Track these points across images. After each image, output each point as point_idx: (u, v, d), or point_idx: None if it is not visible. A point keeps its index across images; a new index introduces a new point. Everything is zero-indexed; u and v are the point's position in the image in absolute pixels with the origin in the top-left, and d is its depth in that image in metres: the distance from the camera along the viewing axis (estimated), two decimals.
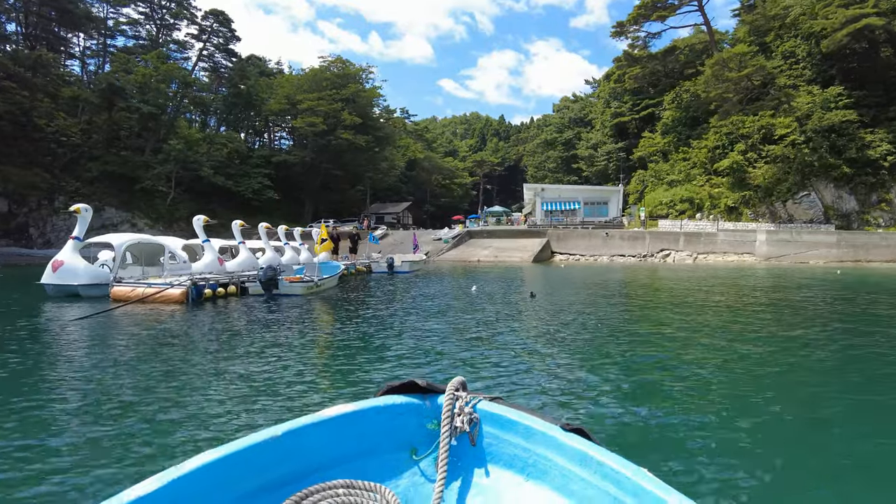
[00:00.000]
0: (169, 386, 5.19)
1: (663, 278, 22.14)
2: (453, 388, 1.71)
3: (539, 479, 1.58)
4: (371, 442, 1.69)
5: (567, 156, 74.52)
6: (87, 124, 52.69)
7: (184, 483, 1.28)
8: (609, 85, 68.36)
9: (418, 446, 1.74)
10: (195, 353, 6.88)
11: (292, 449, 1.52)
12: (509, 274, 25.10)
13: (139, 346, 7.47)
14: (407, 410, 1.75)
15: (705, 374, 5.80)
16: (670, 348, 7.16)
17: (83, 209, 14.00)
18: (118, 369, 5.92)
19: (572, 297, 13.75)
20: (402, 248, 39.05)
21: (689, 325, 9.12)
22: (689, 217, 44.85)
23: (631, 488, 1.33)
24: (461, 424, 1.65)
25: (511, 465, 1.64)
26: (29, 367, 6.12)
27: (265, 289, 13.55)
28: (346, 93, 61.17)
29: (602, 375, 5.65)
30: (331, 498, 1.44)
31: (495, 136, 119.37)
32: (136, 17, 61.96)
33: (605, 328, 8.75)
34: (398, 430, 1.73)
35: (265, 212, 54.22)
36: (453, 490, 1.63)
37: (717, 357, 6.72)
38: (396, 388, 1.79)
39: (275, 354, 6.67)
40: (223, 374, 5.69)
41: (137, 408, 4.51)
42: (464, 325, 8.99)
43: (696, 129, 51.80)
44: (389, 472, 1.66)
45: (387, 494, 1.48)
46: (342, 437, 1.64)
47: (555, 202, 51.09)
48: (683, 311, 11.22)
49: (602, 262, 38.66)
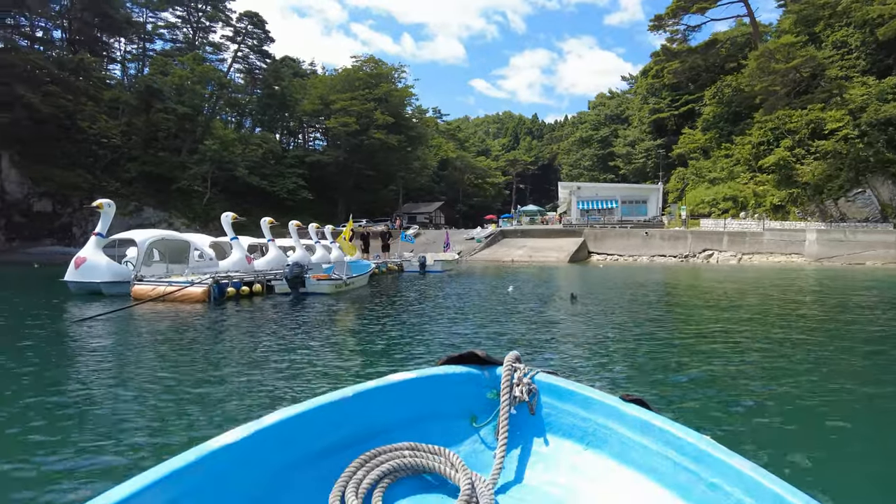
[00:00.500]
0: (158, 400, 4.69)
1: (710, 280, 20.97)
2: (511, 360, 1.74)
3: (599, 448, 1.58)
4: (433, 408, 1.72)
5: (603, 153, 72.89)
6: (126, 126, 54.00)
7: (265, 435, 1.33)
8: (646, 81, 66.51)
9: (478, 414, 1.76)
10: (197, 359, 6.37)
11: (360, 410, 1.57)
12: (545, 274, 24.27)
13: (138, 349, 7.06)
14: (467, 379, 1.78)
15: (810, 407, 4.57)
16: (737, 365, 6.35)
17: (106, 204, 13.63)
18: (101, 374, 5.48)
19: (616, 300, 12.89)
20: (435, 247, 38.56)
21: (759, 338, 8.22)
22: (733, 216, 43.03)
23: (693, 454, 1.33)
24: (520, 394, 1.67)
25: (570, 434, 1.65)
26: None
27: (291, 287, 13.11)
28: (379, 92, 61.12)
29: (665, 396, 4.92)
30: (398, 459, 1.48)
31: (528, 135, 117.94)
32: (174, 20, 63.27)
33: (658, 339, 7.95)
34: (459, 397, 1.76)
35: (299, 211, 54.53)
36: (513, 457, 1.65)
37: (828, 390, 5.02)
38: (456, 359, 1.81)
39: (287, 360, 6.15)
40: (226, 381, 5.19)
41: (119, 415, 4.02)
42: (501, 329, 8.32)
43: (738, 124, 49.76)
44: (451, 438, 1.68)
45: (451, 457, 1.51)
46: (406, 402, 1.68)
47: (591, 201, 49.78)
48: (742, 316, 10.31)
49: (641, 262, 37.39)
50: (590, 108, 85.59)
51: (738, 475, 1.23)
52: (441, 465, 1.49)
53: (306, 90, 66.71)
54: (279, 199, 58.03)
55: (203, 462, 1.21)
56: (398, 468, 1.47)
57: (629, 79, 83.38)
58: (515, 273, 25.07)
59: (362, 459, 1.45)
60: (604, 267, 32.09)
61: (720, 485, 1.26)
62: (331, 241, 23.63)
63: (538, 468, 1.62)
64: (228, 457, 1.26)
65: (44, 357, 6.46)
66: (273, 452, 1.36)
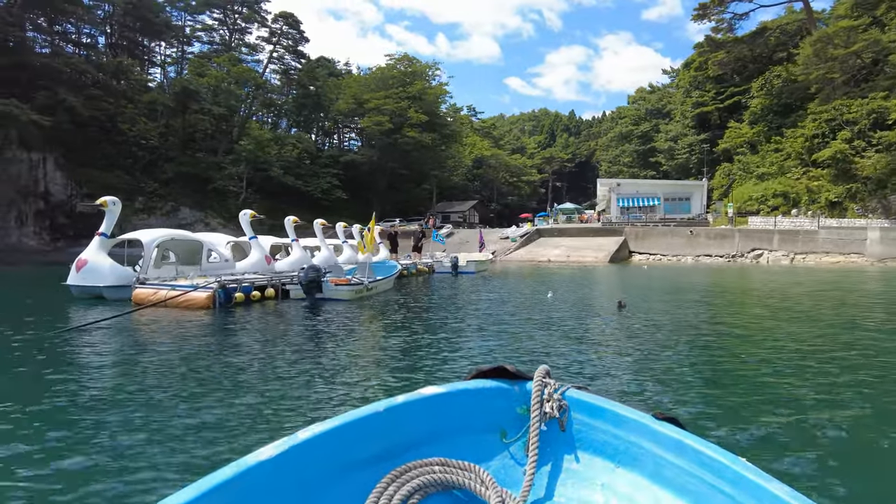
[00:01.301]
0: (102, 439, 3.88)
1: (767, 282, 19.35)
2: (541, 375, 1.72)
3: (631, 466, 1.55)
4: (463, 423, 1.70)
5: (644, 149, 70.48)
6: (164, 127, 54.96)
7: (297, 451, 1.35)
8: (689, 73, 63.86)
9: (508, 429, 1.74)
10: (173, 383, 5.30)
11: (391, 425, 1.56)
12: (585, 276, 23.01)
13: (108, 368, 6.11)
14: (497, 394, 1.76)
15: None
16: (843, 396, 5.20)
17: (110, 202, 12.74)
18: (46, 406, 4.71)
19: (667, 308, 11.49)
20: (468, 247, 37.59)
21: (849, 364, 6.99)
22: (784, 213, 40.59)
23: (730, 476, 1.30)
24: (550, 410, 1.64)
25: (601, 451, 1.62)
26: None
27: (306, 292, 11.99)
28: (413, 90, 60.48)
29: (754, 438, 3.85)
30: (428, 475, 1.49)
31: (565, 132, 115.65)
32: (211, 22, 64.10)
33: (723, 363, 6.80)
34: (488, 412, 1.73)
35: (334, 211, 54.45)
36: (544, 474, 1.63)
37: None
38: (486, 373, 1.79)
39: (276, 388, 5.07)
40: (196, 414, 4.29)
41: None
42: (540, 344, 7.25)
43: (789, 116, 47.10)
44: (480, 453, 1.66)
45: (481, 474, 1.51)
46: (436, 416, 1.66)
47: (632, 198, 47.92)
48: (826, 331, 9.02)
49: (686, 262, 35.61)
50: (629, 103, 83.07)
51: (774, 499, 1.19)
52: (471, 481, 1.49)
53: (341, 90, 66.65)
54: (314, 199, 58.09)
55: (241, 478, 1.23)
56: (428, 484, 1.48)
57: (670, 72, 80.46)
58: (552, 274, 23.89)
59: (393, 475, 1.47)
60: (648, 268, 30.54)
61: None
62: (360, 240, 22.65)
63: (569, 485, 1.60)
64: (264, 472, 1.28)
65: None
66: (307, 467, 1.37)
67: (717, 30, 54.12)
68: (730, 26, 53.96)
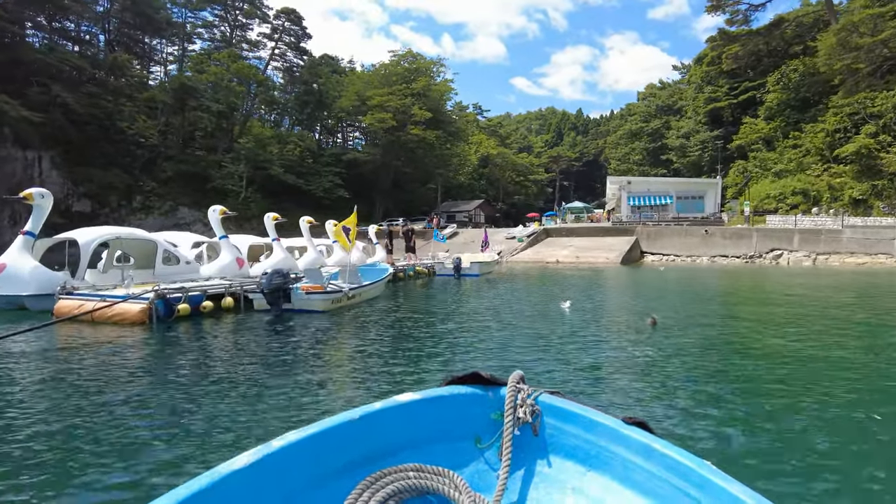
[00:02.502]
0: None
1: (807, 286, 17.68)
2: (515, 380, 1.73)
3: (601, 470, 1.59)
4: (438, 429, 1.71)
5: (654, 147, 68.62)
6: (164, 126, 53.73)
7: (271, 460, 1.35)
8: (701, 68, 62.00)
9: (482, 435, 1.75)
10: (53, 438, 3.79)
11: (367, 432, 1.57)
12: (598, 279, 21.39)
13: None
14: (471, 400, 1.77)
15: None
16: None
17: (37, 195, 10.91)
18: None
19: (708, 322, 9.61)
20: (473, 247, 36.06)
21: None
22: (803, 212, 38.79)
23: (696, 480, 1.34)
24: (523, 415, 1.66)
25: (573, 455, 1.65)
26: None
27: (270, 303, 9.91)
28: (417, 87, 58.92)
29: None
30: (403, 480, 1.49)
31: (573, 131, 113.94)
32: (212, 19, 62.87)
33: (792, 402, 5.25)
34: (463, 418, 1.75)
35: (336, 210, 53.02)
36: (517, 478, 1.65)
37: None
38: (460, 379, 1.81)
39: (175, 450, 3.55)
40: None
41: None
42: (572, 385, 5.40)
43: (807, 111, 45.29)
44: (455, 459, 1.67)
45: (455, 479, 1.52)
46: (411, 423, 1.67)
47: (643, 196, 46.20)
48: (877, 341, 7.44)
49: (701, 263, 33.95)
50: (639, 100, 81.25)
51: (736, 502, 1.24)
52: (445, 486, 1.50)
53: (344, 87, 65.21)
54: (316, 198, 56.66)
55: (215, 487, 1.22)
56: (403, 489, 1.48)
57: (681, 68, 78.67)
58: (563, 277, 22.31)
59: (368, 481, 1.47)
60: (664, 269, 28.90)
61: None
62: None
63: (541, 489, 1.62)
64: (239, 480, 1.27)
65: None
66: (282, 475, 1.37)
67: (732, 22, 52.40)
68: (745, 18, 52.26)
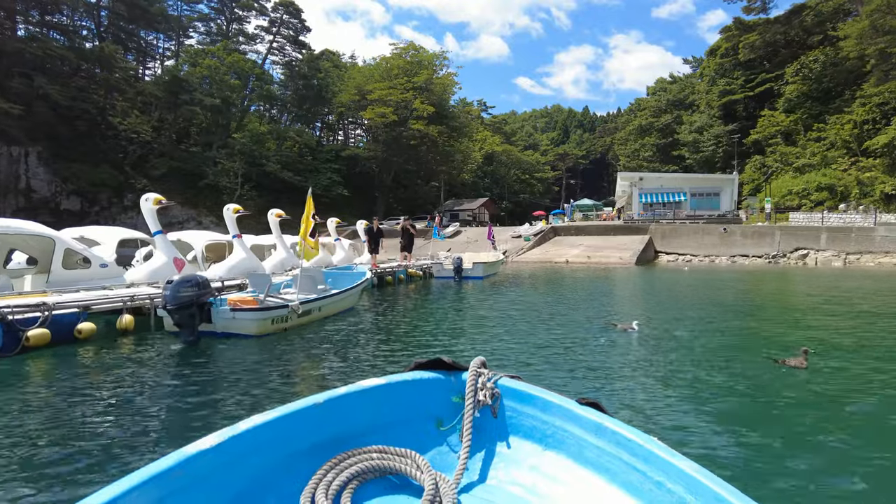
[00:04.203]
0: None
1: (864, 291, 15.42)
2: (476, 365, 1.78)
3: (556, 448, 1.64)
4: (401, 412, 1.75)
5: (665, 143, 66.09)
6: (158, 121, 51.77)
7: (237, 442, 1.38)
8: (715, 60, 59.57)
9: (444, 417, 1.80)
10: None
11: (331, 415, 1.61)
12: (623, 283, 18.97)
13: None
14: (434, 385, 1.82)
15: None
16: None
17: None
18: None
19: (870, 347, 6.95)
20: (477, 246, 33.85)
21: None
22: (829, 208, 36.37)
23: (643, 454, 1.40)
24: (483, 398, 1.71)
25: (530, 435, 1.71)
26: None
27: (179, 324, 7.11)
28: (419, 80, 56.65)
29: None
30: (366, 461, 1.53)
31: (579, 128, 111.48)
32: (208, 12, 60.94)
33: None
34: (426, 402, 1.79)
35: (335, 209, 50.91)
36: (477, 458, 1.70)
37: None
38: (424, 365, 1.85)
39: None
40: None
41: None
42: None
43: (831, 103, 42.87)
44: (418, 441, 1.71)
45: (417, 459, 1.55)
46: (376, 407, 1.71)
47: (655, 193, 43.79)
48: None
49: (720, 263, 31.67)
50: (648, 94, 78.78)
51: (681, 474, 1.30)
52: (407, 466, 1.53)
53: (344, 81, 63.03)
54: (314, 196, 54.44)
55: (181, 467, 1.25)
56: (366, 470, 1.51)
57: (692, 61, 76.24)
58: (579, 280, 20.02)
59: (332, 462, 1.50)
60: (688, 270, 26.60)
61: (664, 483, 1.34)
62: (335, 237, 18.06)
63: (500, 468, 1.67)
64: (205, 461, 1.30)
65: None
66: (247, 457, 1.39)
67: (749, 10, 50.02)
68: (763, 5, 49.79)
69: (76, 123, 45.76)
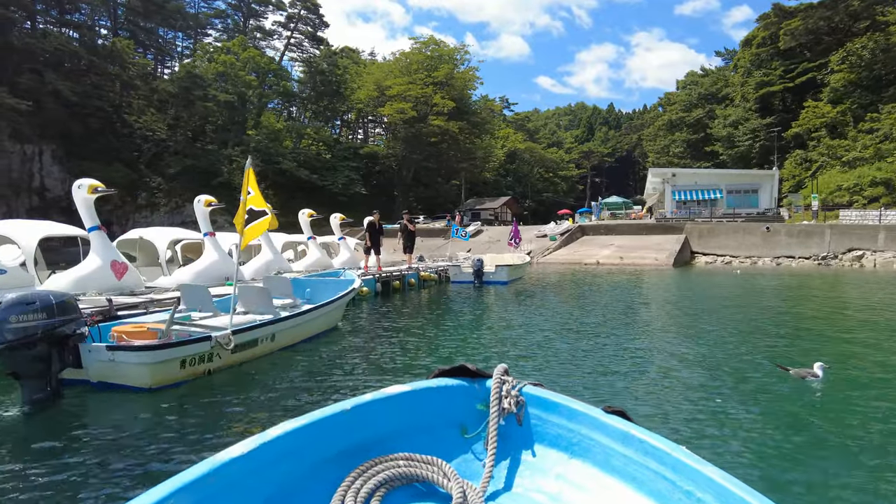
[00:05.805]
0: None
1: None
2: (500, 373, 1.76)
3: (582, 457, 1.62)
4: (426, 419, 1.74)
5: (696, 138, 62.87)
6: (174, 119, 50.72)
7: (267, 449, 1.39)
8: (751, 51, 56.27)
9: (468, 425, 1.78)
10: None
11: (358, 422, 1.61)
12: (677, 289, 16.49)
13: None
14: (458, 392, 1.81)
15: None
16: None
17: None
18: None
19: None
20: (499, 246, 31.67)
21: None
22: (886, 205, 33.30)
23: (671, 463, 1.38)
24: (508, 406, 1.70)
25: (555, 443, 1.69)
26: None
27: (15, 374, 4.37)
28: (439, 75, 54.61)
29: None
30: (393, 469, 1.53)
31: (604, 125, 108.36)
32: (224, 8, 59.87)
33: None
34: (450, 409, 1.78)
35: (352, 208, 49.25)
36: (502, 466, 1.68)
37: None
38: (448, 372, 1.84)
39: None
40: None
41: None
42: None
43: (884, 91, 39.72)
44: (443, 448, 1.69)
45: (444, 467, 1.55)
46: (401, 414, 1.71)
47: (689, 190, 41.04)
48: None
49: (764, 265, 29.09)
50: (678, 88, 75.51)
51: (710, 483, 1.28)
52: (434, 474, 1.54)
53: (362, 78, 61.34)
54: (331, 195, 52.95)
55: (212, 475, 1.26)
56: (394, 478, 1.52)
57: (724, 54, 72.79)
58: (619, 284, 17.71)
59: (360, 469, 1.51)
60: (740, 273, 24.08)
61: (693, 492, 1.31)
62: (339, 236, 16.21)
63: (525, 476, 1.66)
64: (235, 469, 1.31)
65: None
66: (277, 464, 1.41)
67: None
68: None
69: (89, 121, 44.81)
